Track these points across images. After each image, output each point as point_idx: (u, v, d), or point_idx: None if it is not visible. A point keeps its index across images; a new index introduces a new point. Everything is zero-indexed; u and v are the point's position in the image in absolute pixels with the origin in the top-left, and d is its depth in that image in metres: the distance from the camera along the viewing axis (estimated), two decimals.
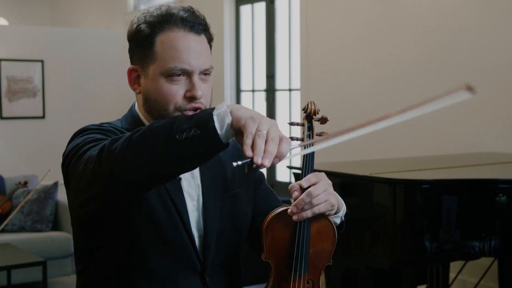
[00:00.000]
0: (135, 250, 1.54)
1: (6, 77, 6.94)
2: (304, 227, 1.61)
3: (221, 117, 1.28)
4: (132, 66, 1.61)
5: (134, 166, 1.31)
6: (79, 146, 1.45)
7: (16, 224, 5.37)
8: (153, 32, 1.55)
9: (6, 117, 6.97)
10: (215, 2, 6.60)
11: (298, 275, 1.58)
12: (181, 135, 1.26)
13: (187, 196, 1.60)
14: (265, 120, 1.28)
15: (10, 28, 7.46)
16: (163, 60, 1.53)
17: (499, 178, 2.94)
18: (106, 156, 1.33)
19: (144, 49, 1.56)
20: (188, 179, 1.62)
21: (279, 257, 1.58)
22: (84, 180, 1.38)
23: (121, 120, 1.66)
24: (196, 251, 1.58)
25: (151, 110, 1.58)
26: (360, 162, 4.12)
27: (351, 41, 5.39)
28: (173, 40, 1.54)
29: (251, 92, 6.62)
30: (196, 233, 1.61)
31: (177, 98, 1.54)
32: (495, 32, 4.43)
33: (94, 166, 1.35)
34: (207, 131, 1.26)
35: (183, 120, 1.29)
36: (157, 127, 1.31)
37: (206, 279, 1.60)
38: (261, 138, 1.24)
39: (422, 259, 2.92)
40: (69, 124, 7.12)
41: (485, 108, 4.49)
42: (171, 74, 1.53)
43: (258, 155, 1.22)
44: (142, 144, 1.30)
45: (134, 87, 1.62)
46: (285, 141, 1.27)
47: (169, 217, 1.55)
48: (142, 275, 1.55)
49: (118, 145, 1.32)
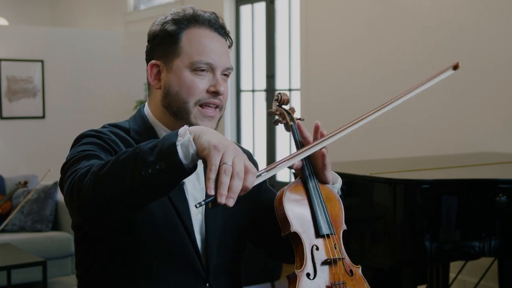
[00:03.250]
0: (136, 255, 1.54)
1: (6, 77, 6.94)
2: (316, 189, 1.62)
3: (185, 146, 1.27)
4: (154, 62, 1.62)
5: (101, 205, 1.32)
6: (69, 164, 1.46)
7: (16, 224, 5.37)
8: (180, 29, 1.58)
9: (6, 117, 6.97)
10: (215, 2, 6.60)
11: (327, 237, 1.57)
12: (146, 171, 1.26)
13: (192, 199, 1.60)
14: (230, 149, 1.25)
15: (10, 28, 7.46)
16: (189, 54, 1.57)
17: (499, 178, 2.94)
18: (76, 194, 1.35)
19: (168, 44, 1.59)
20: (193, 182, 1.61)
21: (304, 223, 1.57)
22: (67, 207, 1.42)
23: (129, 121, 1.66)
24: (198, 255, 1.58)
25: (170, 104, 1.58)
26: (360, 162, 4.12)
27: (351, 41, 5.39)
28: (200, 36, 1.58)
29: (251, 92, 6.62)
30: (199, 236, 1.60)
31: (199, 90, 1.56)
32: (495, 32, 4.43)
33: (69, 200, 1.38)
34: (172, 164, 1.26)
35: (147, 151, 1.28)
36: (123, 162, 1.30)
37: (210, 282, 1.60)
38: (226, 174, 1.21)
39: (422, 259, 2.92)
40: (69, 124, 7.13)
41: (485, 108, 4.49)
42: (196, 68, 1.56)
43: (222, 195, 1.20)
44: (108, 183, 1.30)
45: (154, 82, 1.62)
46: (250, 174, 1.25)
47: (170, 222, 1.55)
48: (144, 280, 1.54)
49: (87, 183, 1.33)
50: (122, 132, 1.61)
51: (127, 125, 1.64)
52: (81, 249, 1.62)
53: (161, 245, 1.54)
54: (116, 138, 1.56)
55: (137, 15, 8.18)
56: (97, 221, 1.40)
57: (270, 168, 1.37)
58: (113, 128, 1.62)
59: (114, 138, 1.56)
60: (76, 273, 1.66)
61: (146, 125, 1.63)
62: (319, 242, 1.56)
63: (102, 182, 1.30)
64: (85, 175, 1.34)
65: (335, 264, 1.55)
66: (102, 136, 1.54)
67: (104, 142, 1.53)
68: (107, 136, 1.55)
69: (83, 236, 1.60)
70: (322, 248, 1.55)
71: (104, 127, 1.63)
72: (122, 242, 1.53)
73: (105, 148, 1.51)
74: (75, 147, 1.52)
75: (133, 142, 1.59)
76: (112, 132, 1.58)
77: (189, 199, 1.59)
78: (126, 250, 1.54)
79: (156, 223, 1.53)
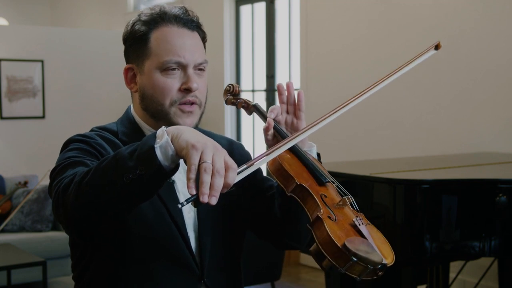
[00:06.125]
0: (129, 256, 1.54)
1: (6, 77, 6.94)
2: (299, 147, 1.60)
3: (163, 148, 1.26)
4: (128, 65, 1.63)
5: (86, 215, 1.32)
6: (56, 172, 1.45)
7: (16, 224, 5.37)
8: (148, 29, 1.58)
9: (6, 117, 6.97)
10: (215, 2, 6.60)
11: (327, 184, 1.55)
12: (127, 176, 1.26)
13: (183, 197, 1.59)
14: (209, 146, 1.24)
15: (10, 28, 7.46)
16: (158, 54, 1.56)
17: (499, 178, 2.94)
18: (61, 206, 1.35)
19: (139, 46, 1.59)
20: (183, 180, 1.60)
21: (303, 177, 1.54)
22: (56, 219, 1.44)
23: (116, 123, 1.66)
24: (192, 253, 1.58)
25: (148, 107, 1.59)
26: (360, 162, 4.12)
27: (351, 41, 5.39)
28: (167, 35, 1.57)
29: (251, 92, 6.62)
30: (192, 234, 1.60)
31: (172, 91, 1.55)
32: (495, 32, 4.43)
33: (56, 213, 1.38)
34: (152, 168, 1.26)
35: (127, 156, 1.28)
36: (103, 169, 1.30)
37: (205, 280, 1.59)
38: (207, 173, 1.20)
39: (422, 259, 2.92)
40: (69, 124, 7.13)
41: (485, 108, 4.49)
42: (166, 68, 1.55)
43: (204, 194, 1.19)
44: (91, 193, 1.30)
45: (130, 86, 1.63)
46: (231, 170, 1.24)
47: (162, 221, 1.55)
48: (138, 280, 1.54)
49: (70, 194, 1.33)
50: (110, 135, 1.61)
51: (114, 127, 1.64)
52: (75, 252, 1.62)
53: (153, 245, 1.54)
54: (103, 142, 1.56)
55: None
56: (85, 231, 1.39)
57: (251, 163, 1.34)
58: (100, 131, 1.61)
59: (101, 142, 1.56)
60: (72, 275, 1.66)
61: (133, 126, 1.63)
62: (324, 190, 1.53)
63: (85, 192, 1.30)
64: (68, 186, 1.34)
65: (345, 205, 1.51)
66: (88, 141, 1.54)
67: (91, 147, 1.53)
68: (93, 140, 1.55)
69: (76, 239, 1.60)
70: (329, 194, 1.53)
71: (92, 130, 1.63)
72: (115, 244, 1.53)
73: (91, 153, 1.51)
74: (63, 153, 1.53)
75: (121, 144, 1.58)
76: (99, 136, 1.58)
77: (180, 197, 1.59)
78: (120, 252, 1.54)
79: (148, 223, 1.53)
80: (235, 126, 6.77)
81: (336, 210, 1.48)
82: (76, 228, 1.39)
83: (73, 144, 1.54)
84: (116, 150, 1.52)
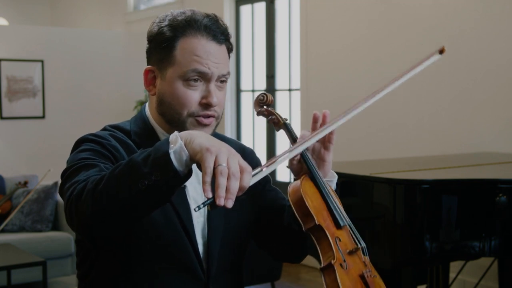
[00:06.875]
0: (136, 259, 1.53)
1: (6, 77, 6.94)
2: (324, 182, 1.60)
3: (178, 153, 1.26)
4: (149, 67, 1.60)
5: (101, 223, 1.32)
6: (69, 173, 1.44)
7: (16, 224, 5.37)
8: (175, 36, 1.54)
9: (6, 117, 6.97)
10: (215, 2, 6.60)
11: (343, 228, 1.55)
12: (143, 183, 1.26)
13: (193, 202, 1.58)
14: (223, 150, 1.23)
15: (10, 28, 7.46)
16: (182, 64, 1.53)
17: (499, 178, 2.94)
18: (75, 213, 1.34)
19: (164, 51, 1.55)
20: (195, 185, 1.60)
21: (323, 215, 1.54)
22: (68, 224, 1.41)
23: (130, 122, 1.64)
24: (199, 259, 1.57)
25: (164, 113, 1.57)
26: (360, 162, 4.12)
27: (351, 41, 5.39)
28: (194, 46, 1.53)
29: (251, 92, 6.62)
30: (201, 240, 1.59)
31: (192, 103, 1.53)
32: (495, 32, 4.43)
33: (69, 219, 1.38)
34: (168, 174, 1.25)
35: (141, 163, 1.27)
36: (117, 176, 1.29)
37: (210, 287, 1.58)
38: (223, 176, 1.20)
39: (422, 259, 2.92)
40: (69, 124, 7.13)
41: (485, 108, 4.49)
42: (188, 78, 1.53)
43: (221, 197, 1.19)
44: (105, 200, 1.29)
45: (149, 88, 1.61)
46: (246, 172, 1.24)
47: (171, 226, 1.54)
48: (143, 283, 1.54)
49: (84, 201, 1.32)
50: (123, 135, 1.59)
51: (128, 126, 1.62)
52: (82, 250, 1.61)
53: (161, 249, 1.53)
54: (116, 143, 1.55)
55: (137, 15, 8.18)
56: (97, 237, 1.40)
57: (267, 165, 1.35)
58: (113, 131, 1.60)
59: (115, 143, 1.54)
60: (77, 273, 1.65)
61: (147, 127, 1.61)
62: (340, 234, 1.54)
63: (99, 199, 1.30)
64: (81, 193, 1.34)
65: (357, 254, 1.53)
66: (101, 142, 1.52)
67: (104, 148, 1.51)
68: (106, 141, 1.53)
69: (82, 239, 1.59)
70: (343, 238, 1.54)
71: (105, 129, 1.61)
72: (122, 246, 1.52)
73: (104, 155, 1.50)
74: (75, 152, 1.51)
75: (134, 146, 1.57)
76: (112, 136, 1.56)
77: (190, 203, 1.58)
78: (126, 254, 1.53)
79: (158, 227, 1.52)
80: (235, 126, 6.77)
81: (348, 257, 1.51)
82: (89, 235, 1.39)
83: (86, 144, 1.52)
84: (128, 151, 1.52)
